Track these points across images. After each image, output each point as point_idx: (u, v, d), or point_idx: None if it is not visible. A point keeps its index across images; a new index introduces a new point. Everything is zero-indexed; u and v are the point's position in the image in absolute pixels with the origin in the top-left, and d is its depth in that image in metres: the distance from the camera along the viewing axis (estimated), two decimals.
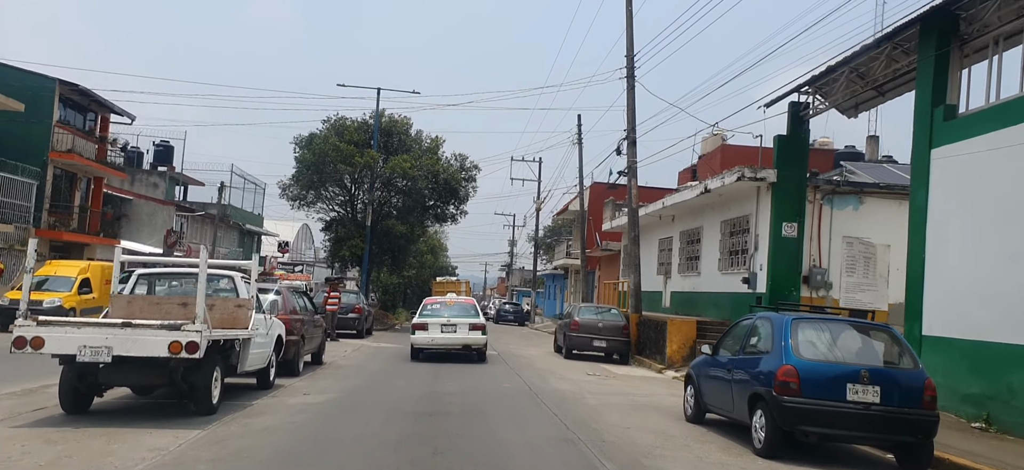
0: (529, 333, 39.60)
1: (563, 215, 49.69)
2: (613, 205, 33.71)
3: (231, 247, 53.17)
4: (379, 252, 37.12)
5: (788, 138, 18.80)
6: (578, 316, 21.91)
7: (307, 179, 33.55)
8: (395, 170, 32.81)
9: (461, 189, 35.79)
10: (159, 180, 51.80)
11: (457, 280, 60.24)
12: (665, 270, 27.81)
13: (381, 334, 30.64)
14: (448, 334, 19.54)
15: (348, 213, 35.71)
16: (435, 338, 19.50)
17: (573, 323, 21.71)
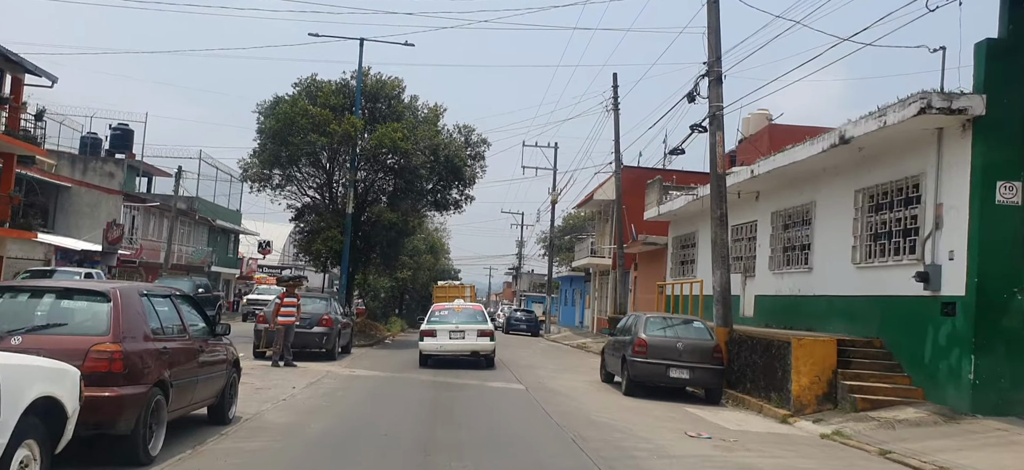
0: (548, 347, 32.33)
1: (587, 205, 42.47)
2: (660, 187, 26.49)
3: (198, 245, 45.96)
4: (364, 247, 29.83)
5: (1007, 42, 11.59)
6: (645, 332, 14.67)
7: (271, 153, 26.33)
8: (382, 142, 25.62)
9: (466, 169, 28.58)
10: (115, 168, 44.81)
11: (460, 284, 53.18)
12: (745, 266, 20.60)
13: (364, 352, 23.42)
14: (456, 340, 19.27)
15: (325, 199, 28.45)
16: (444, 344, 19.17)
17: (637, 343, 14.50)
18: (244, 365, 11.13)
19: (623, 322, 16.83)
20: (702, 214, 23.46)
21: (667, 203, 25.62)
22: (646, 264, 31.72)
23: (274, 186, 27.72)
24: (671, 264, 27.21)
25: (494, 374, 17.90)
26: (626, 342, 15.15)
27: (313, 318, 18.91)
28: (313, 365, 17.71)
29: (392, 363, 20.04)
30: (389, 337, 32.97)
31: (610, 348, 16.82)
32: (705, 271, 23.08)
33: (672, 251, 27.25)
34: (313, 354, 19.45)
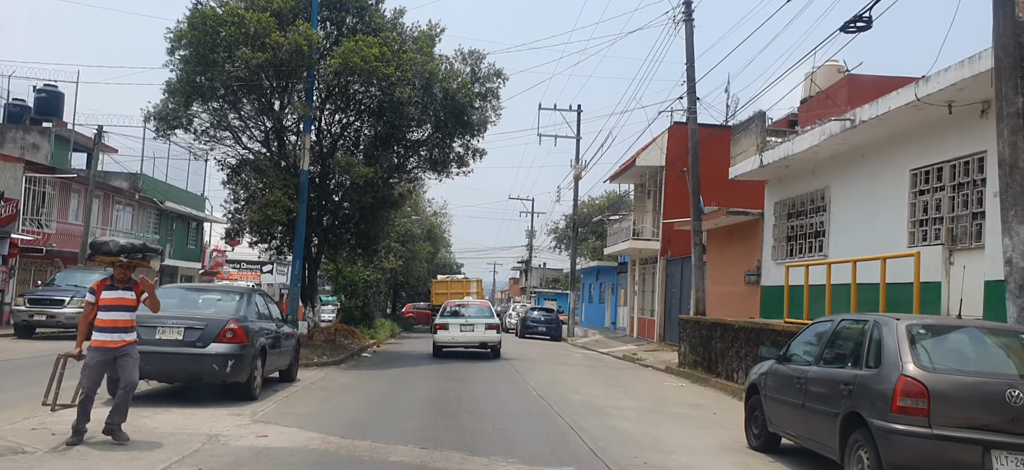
0: (584, 359, 23.94)
1: (623, 177, 33.98)
2: (760, 128, 17.99)
3: (144, 232, 37.44)
4: (334, 223, 21.37)
5: None
6: (919, 363, 6.16)
7: (186, 81, 17.84)
8: (350, 62, 17.18)
9: (474, 112, 20.11)
10: (40, 139, 36.43)
11: (463, 279, 44.96)
12: (952, 232, 12.06)
13: (322, 377, 15.08)
14: (466, 333, 20.80)
15: (272, 153, 19.93)
16: (455, 337, 20.70)
17: (904, 389, 5.99)
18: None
19: (812, 336, 8.25)
20: (840, 159, 15.09)
21: (774, 150, 17.13)
22: (719, 245, 23.25)
23: (197, 133, 19.21)
24: (772, 242, 18.72)
25: (535, 425, 9.52)
26: (850, 382, 6.67)
27: (207, 328, 10.54)
28: (193, 418, 9.34)
29: (359, 405, 11.65)
30: (374, 346, 24.51)
31: (776, 385, 8.31)
32: (845, 245, 14.67)
33: (774, 222, 18.76)
34: (212, 392, 11.11)
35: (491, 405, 11.53)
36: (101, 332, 7.78)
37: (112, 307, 7.87)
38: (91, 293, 7.98)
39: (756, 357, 14.53)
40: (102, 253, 8.12)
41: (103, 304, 7.84)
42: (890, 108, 12.18)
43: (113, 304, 7.88)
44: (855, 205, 14.99)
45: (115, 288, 7.94)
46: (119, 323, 7.87)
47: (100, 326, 7.79)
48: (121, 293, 7.95)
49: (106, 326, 7.82)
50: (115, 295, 7.91)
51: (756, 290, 20.13)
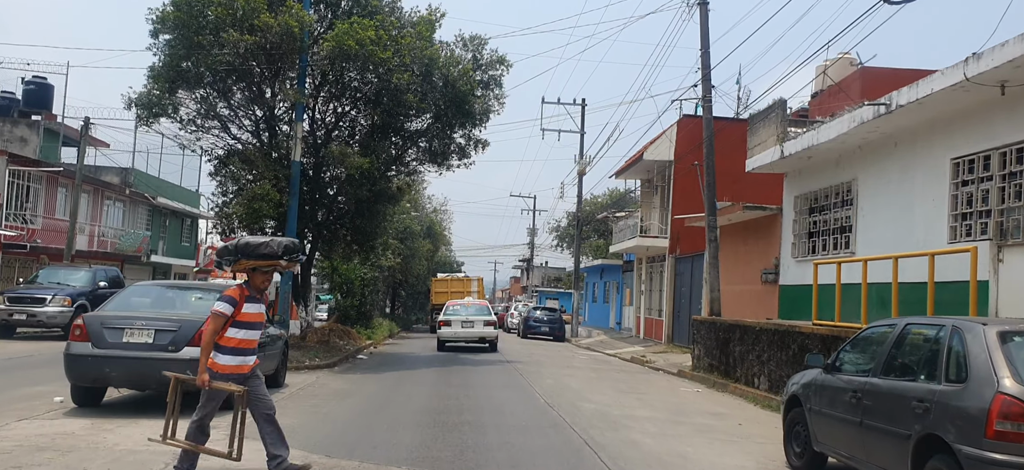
0: (590, 362, 22.91)
1: (630, 172, 32.87)
2: (781, 118, 16.89)
3: (136, 228, 36.40)
4: (328, 217, 20.33)
5: None
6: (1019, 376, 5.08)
7: (171, 67, 16.77)
8: (344, 45, 16.10)
9: (476, 100, 19.04)
10: (29, 132, 35.37)
11: (463, 277, 43.93)
12: (1001, 226, 10.97)
13: (313, 382, 14.07)
14: (467, 329, 23.51)
15: (262, 143, 18.84)
16: (457, 332, 23.43)
17: (1002, 409, 4.90)
18: None
19: (868, 343, 7.17)
20: (869, 149, 14.05)
21: (797, 140, 16.05)
22: (733, 243, 22.18)
23: (183, 121, 18.13)
24: (792, 238, 17.65)
25: (545, 440, 8.46)
26: (926, 398, 5.59)
27: (180, 330, 9.49)
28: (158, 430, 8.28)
29: (350, 414, 10.61)
30: (370, 347, 23.46)
31: (825, 398, 7.23)
32: (874, 241, 13.62)
33: (794, 218, 17.69)
34: (187, 401, 10.04)
35: (495, 415, 10.48)
36: (233, 354, 6.15)
37: (251, 324, 6.24)
38: (230, 303, 6.15)
39: (780, 362, 13.51)
40: (261, 256, 6.30)
41: (241, 320, 6.16)
42: (933, 90, 11.11)
43: (253, 320, 6.26)
44: (886, 198, 13.92)
45: (254, 300, 6.29)
46: (254, 343, 6.35)
47: (231, 347, 6.14)
48: (259, 306, 6.35)
49: (241, 347, 6.19)
50: (256, 309, 6.28)
51: (773, 289, 19.07)
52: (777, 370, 13.57)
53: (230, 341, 6.14)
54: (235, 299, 6.13)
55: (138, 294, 10.92)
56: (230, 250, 6.31)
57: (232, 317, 6.10)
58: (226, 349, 6.14)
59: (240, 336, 6.17)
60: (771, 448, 8.88)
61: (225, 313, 6.10)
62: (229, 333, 6.13)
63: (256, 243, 6.34)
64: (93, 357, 9.25)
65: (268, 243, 6.36)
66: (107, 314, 9.84)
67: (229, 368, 6.15)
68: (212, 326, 6.11)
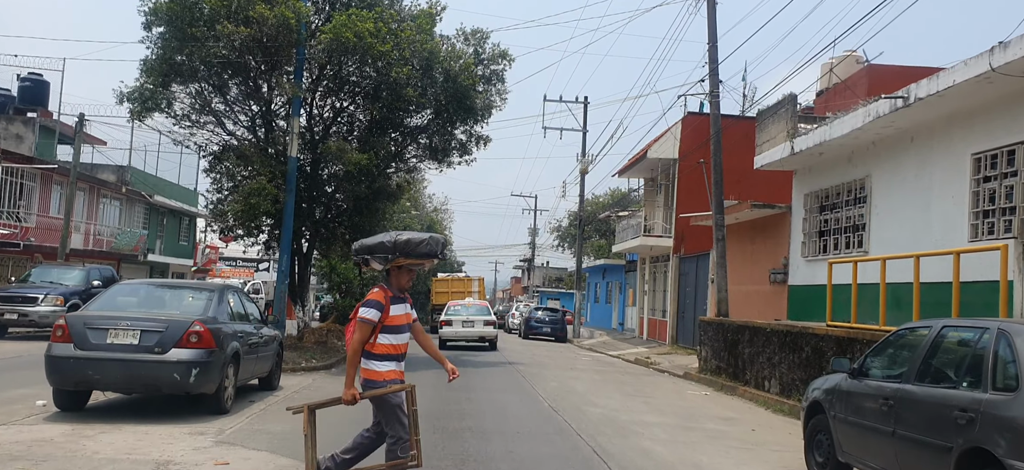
0: (593, 363, 22.47)
1: (633, 171, 32.36)
2: (791, 114, 16.43)
3: (133, 227, 35.95)
4: (325, 214, 19.88)
5: None
6: None
7: (163, 59, 16.31)
8: (342, 38, 15.66)
9: (478, 96, 18.59)
10: (24, 129, 34.96)
11: (464, 277, 43.48)
12: (1017, 225, 10.50)
13: (309, 383, 13.63)
14: (468, 328, 24.21)
15: (258, 139, 18.37)
16: (458, 331, 24.13)
17: None
18: None
19: (899, 346, 6.72)
20: (884, 145, 13.61)
21: (808, 135, 15.58)
22: (740, 242, 21.69)
23: (177, 117, 17.66)
24: (802, 237, 17.18)
25: (551, 448, 8.01)
26: (970, 408, 5.14)
27: (168, 331, 9.02)
28: (144, 439, 7.83)
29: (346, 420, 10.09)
30: None
31: (851, 405, 6.76)
32: (889, 239, 13.18)
33: (804, 216, 17.22)
34: (176, 404, 9.66)
35: (498, 420, 10.02)
36: (388, 360, 5.56)
37: (400, 327, 5.63)
38: (376, 308, 5.50)
39: (792, 365, 13.04)
40: (421, 254, 5.64)
41: (392, 324, 5.56)
42: (954, 82, 10.65)
43: (402, 323, 5.64)
44: (902, 195, 13.46)
45: (399, 300, 5.67)
46: (405, 348, 5.73)
47: (384, 353, 5.54)
48: (406, 306, 5.74)
49: (394, 353, 5.59)
50: (403, 310, 5.67)
51: (782, 290, 18.62)
52: (789, 373, 13.12)
53: (382, 347, 5.54)
54: (381, 303, 5.49)
55: (125, 293, 10.47)
56: (386, 247, 5.54)
57: (380, 323, 5.49)
58: (379, 356, 5.54)
59: (391, 341, 5.57)
60: (789, 457, 8.42)
61: (372, 320, 5.46)
62: (380, 339, 5.53)
63: (417, 240, 5.62)
64: (75, 359, 8.78)
65: (427, 240, 5.64)
66: (91, 314, 9.39)
67: (391, 374, 5.56)
68: (359, 335, 5.47)
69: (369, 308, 5.49)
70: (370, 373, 5.54)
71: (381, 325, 5.49)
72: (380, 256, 5.57)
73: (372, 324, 5.47)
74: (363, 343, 5.49)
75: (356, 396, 5.49)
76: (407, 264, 5.64)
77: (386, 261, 5.57)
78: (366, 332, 5.48)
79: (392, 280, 5.65)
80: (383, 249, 5.56)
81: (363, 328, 5.47)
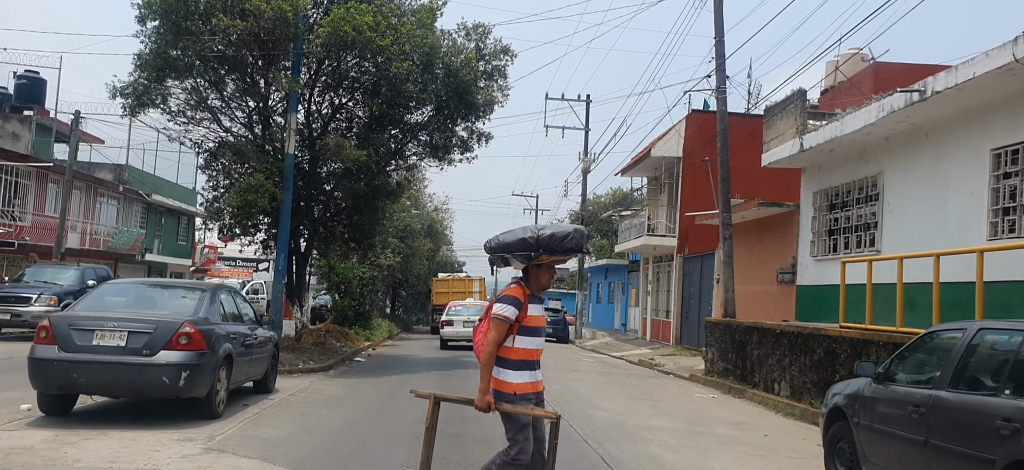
0: (597, 365, 22.11)
1: (635, 169, 31.99)
2: (801, 110, 16.05)
3: (130, 226, 35.59)
4: (324, 213, 19.51)
5: None
6: None
7: (158, 54, 15.93)
8: (341, 32, 15.28)
9: (480, 92, 18.21)
10: (21, 127, 34.60)
11: (465, 277, 43.11)
12: None
13: (306, 387, 13.31)
14: (469, 328, 23.35)
15: (255, 135, 17.99)
16: (459, 331, 24.59)
17: None
18: None
19: (930, 350, 6.33)
20: (897, 141, 13.25)
21: (818, 132, 15.20)
22: (746, 241, 21.30)
23: (172, 113, 17.29)
24: (811, 236, 16.79)
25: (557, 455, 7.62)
26: (1015, 417, 4.74)
27: (156, 332, 8.64)
28: (131, 446, 7.46)
29: (343, 425, 9.77)
30: (368, 349, 22.64)
31: (878, 412, 6.38)
32: (903, 238, 12.80)
33: (813, 215, 16.83)
34: (167, 408, 9.29)
35: (500, 426, 9.61)
36: (522, 369, 4.91)
37: (536, 330, 5.00)
38: (514, 306, 4.87)
39: (803, 367, 12.65)
40: (566, 250, 4.97)
41: (529, 325, 4.93)
42: (974, 75, 10.27)
43: (538, 325, 5.03)
44: (916, 193, 13.08)
45: (537, 300, 5.06)
46: (540, 354, 5.10)
47: (519, 359, 4.90)
48: (542, 308, 5.13)
49: (529, 359, 4.96)
50: (539, 311, 5.06)
51: (790, 290, 18.24)
52: (800, 376, 12.73)
53: (516, 352, 4.87)
54: (519, 300, 4.85)
55: (113, 293, 10.09)
56: (528, 244, 4.92)
57: (517, 323, 4.84)
58: (512, 363, 4.87)
59: (527, 345, 4.91)
60: (807, 465, 8.05)
61: (509, 318, 4.82)
62: (516, 343, 4.87)
63: (561, 234, 4.95)
64: (59, 361, 8.41)
65: (572, 234, 4.95)
66: (76, 314, 9.01)
67: (524, 386, 4.88)
68: (495, 335, 4.81)
69: (506, 304, 4.83)
70: (500, 383, 4.87)
71: (518, 325, 4.86)
72: (521, 254, 4.97)
73: (509, 322, 4.82)
74: (498, 344, 4.83)
75: (491, 405, 4.80)
76: (550, 261, 5.02)
77: (528, 259, 4.96)
78: (502, 331, 4.82)
79: (532, 279, 5.01)
80: (525, 246, 4.94)
81: (499, 326, 4.81)
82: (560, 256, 5.03)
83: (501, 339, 4.83)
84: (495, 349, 4.83)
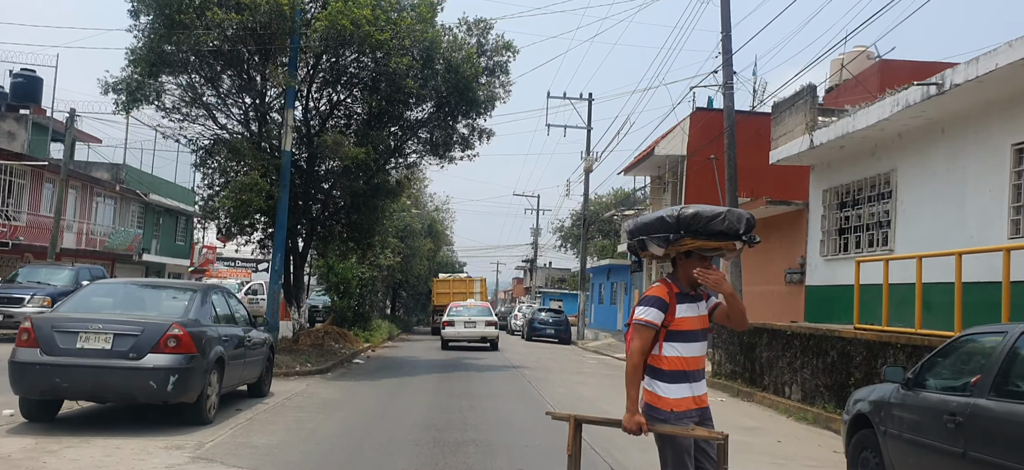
0: (601, 366, 21.75)
1: (639, 168, 31.58)
2: (810, 105, 15.65)
3: (127, 226, 35.21)
4: (322, 213, 19.13)
5: None
6: None
7: (152, 49, 15.54)
8: (338, 26, 14.90)
9: (481, 88, 17.82)
10: (17, 126, 34.19)
11: (467, 278, 42.74)
12: None
13: (304, 389, 12.92)
14: (470, 329, 24.54)
15: (251, 132, 17.59)
16: (460, 332, 24.52)
17: None
18: None
19: (964, 354, 5.91)
20: (911, 137, 12.86)
21: (828, 128, 14.80)
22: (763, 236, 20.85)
23: (167, 109, 16.90)
24: (821, 235, 16.39)
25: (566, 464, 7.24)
26: None
27: (143, 335, 8.25)
28: (114, 455, 7.06)
29: (339, 431, 9.36)
30: (367, 351, 22.25)
31: (908, 421, 5.97)
32: (918, 236, 12.42)
33: (822, 213, 16.43)
34: (156, 413, 8.90)
35: (503, 432, 9.24)
36: (679, 381, 4.14)
37: (692, 334, 4.21)
38: (658, 307, 4.15)
39: (815, 370, 12.26)
40: (716, 233, 4.14)
41: (678, 328, 4.15)
42: (996, 66, 9.86)
43: (695, 328, 4.22)
44: (931, 190, 12.67)
45: (689, 298, 4.24)
46: (702, 362, 4.28)
47: (674, 370, 4.13)
48: (698, 307, 4.26)
49: (688, 369, 4.17)
50: (695, 311, 4.23)
51: (798, 290, 17.84)
52: (812, 379, 12.33)
53: (670, 361, 4.12)
54: (664, 300, 4.14)
55: (100, 293, 9.69)
56: (666, 224, 4.17)
57: (664, 327, 4.13)
58: (666, 374, 4.12)
59: (683, 352, 4.14)
60: None
61: (653, 322, 4.11)
62: (665, 350, 4.13)
63: (708, 213, 4.13)
64: (41, 365, 8.02)
65: (723, 214, 4.13)
66: (60, 316, 8.62)
67: (683, 402, 4.11)
68: (638, 343, 4.13)
69: (647, 307, 4.14)
70: (653, 398, 4.14)
71: (666, 330, 4.13)
72: (658, 237, 4.20)
73: (653, 328, 4.11)
74: (644, 353, 4.12)
75: (642, 425, 4.05)
76: (696, 248, 4.17)
77: (666, 243, 4.16)
78: (646, 339, 4.12)
79: (680, 271, 4.26)
80: (662, 226, 4.18)
81: (641, 333, 4.12)
82: (711, 242, 4.14)
83: (646, 347, 4.13)
84: (640, 359, 4.11)
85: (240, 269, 50.47)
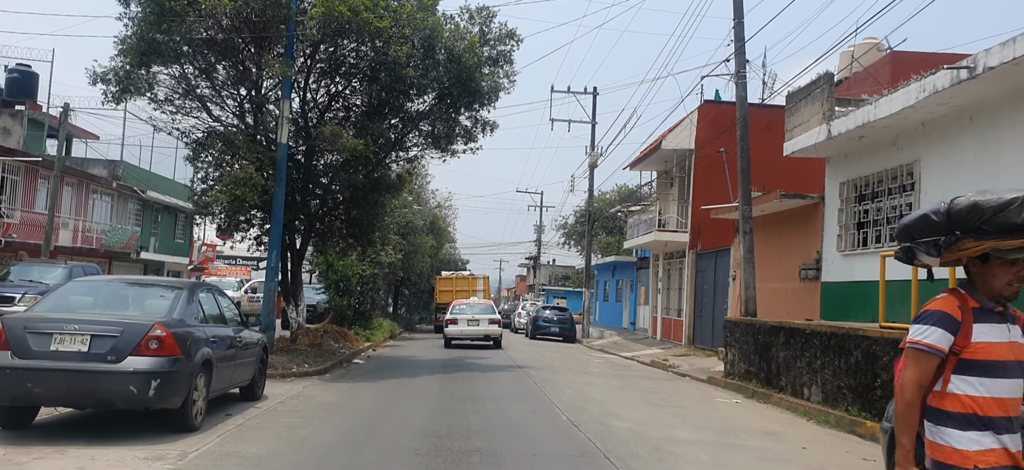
0: (608, 366, 21.13)
1: (645, 163, 30.92)
2: (827, 94, 15.01)
3: (125, 223, 34.63)
4: (321, 208, 18.53)
5: None
6: None
7: (142, 37, 14.93)
8: (335, 12, 14.27)
9: (484, 78, 17.20)
10: (12, 122, 33.64)
11: (470, 275, 42.19)
12: None
13: (301, 391, 12.37)
14: (473, 327, 24.42)
15: (246, 125, 16.97)
16: (463, 330, 24.35)
17: None
18: None
19: None
20: (936, 126, 12.22)
21: (848, 117, 14.16)
22: (766, 236, 20.26)
23: (158, 100, 16.28)
24: (838, 230, 15.77)
25: None
26: None
27: (123, 336, 7.65)
28: (89, 466, 6.47)
29: (334, 438, 8.75)
30: (368, 350, 21.66)
31: None
32: None
33: (839, 207, 15.81)
34: (139, 419, 8.31)
35: (510, 438, 8.63)
36: (976, 428, 3.01)
37: (1007, 367, 3.09)
38: (943, 326, 3.08)
39: (837, 371, 11.63)
40: (1001, 229, 2.97)
41: (978, 356, 3.05)
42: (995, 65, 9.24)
43: (1008, 359, 3.10)
44: (959, 181, 12.03)
45: (992, 316, 3.12)
46: (1017, 405, 3.12)
47: (968, 413, 3.02)
48: (1009, 329, 3.14)
49: (990, 417, 3.03)
50: (1002, 336, 3.11)
51: (814, 287, 17.23)
52: (834, 380, 11.71)
53: (962, 403, 3.03)
54: (951, 318, 3.07)
55: (80, 291, 9.10)
56: (932, 223, 3.18)
57: (954, 354, 3.06)
58: (955, 417, 3.03)
59: (978, 391, 3.03)
60: None
61: (934, 347, 3.06)
62: (954, 385, 3.06)
63: (990, 204, 2.99)
64: (12, 370, 7.43)
65: (1019, 199, 2.94)
66: (33, 315, 8.03)
67: (981, 457, 2.98)
68: (913, 374, 3.08)
69: (925, 326, 3.09)
70: (939, 451, 3.05)
71: (957, 359, 3.06)
72: (927, 242, 3.20)
73: (935, 354, 3.06)
74: (920, 387, 3.07)
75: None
76: (998, 250, 3.04)
77: (936, 249, 3.15)
78: (924, 369, 3.07)
79: (979, 279, 3.16)
80: (929, 227, 3.19)
81: (918, 360, 3.08)
82: (1009, 240, 2.99)
83: (925, 381, 3.07)
84: (916, 395, 3.07)
85: (240, 266, 49.90)
